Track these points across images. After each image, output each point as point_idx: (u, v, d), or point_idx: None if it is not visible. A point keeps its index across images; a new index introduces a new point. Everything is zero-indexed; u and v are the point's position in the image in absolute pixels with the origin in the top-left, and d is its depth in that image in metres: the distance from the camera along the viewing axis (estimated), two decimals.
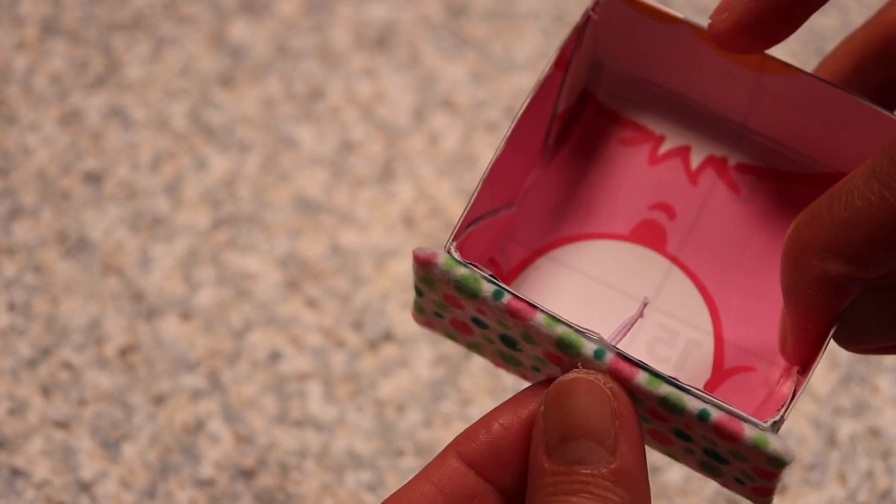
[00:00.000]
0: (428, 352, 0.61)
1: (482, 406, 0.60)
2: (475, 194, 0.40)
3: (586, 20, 0.43)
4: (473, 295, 0.39)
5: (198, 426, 0.59)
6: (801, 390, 0.39)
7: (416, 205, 0.66)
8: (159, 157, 0.67)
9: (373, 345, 0.62)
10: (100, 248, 0.64)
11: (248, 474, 0.58)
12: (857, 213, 0.37)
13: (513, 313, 0.39)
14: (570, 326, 0.38)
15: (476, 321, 0.41)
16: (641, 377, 0.38)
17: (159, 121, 0.68)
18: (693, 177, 0.45)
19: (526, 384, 0.42)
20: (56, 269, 0.63)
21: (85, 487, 0.58)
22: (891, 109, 0.42)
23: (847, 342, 0.41)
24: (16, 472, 0.58)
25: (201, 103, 0.69)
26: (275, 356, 0.61)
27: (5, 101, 0.68)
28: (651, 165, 0.45)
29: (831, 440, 0.60)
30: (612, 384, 0.37)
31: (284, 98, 0.69)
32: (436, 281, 0.39)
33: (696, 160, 0.45)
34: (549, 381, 0.38)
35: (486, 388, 0.61)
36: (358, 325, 0.62)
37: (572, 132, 0.45)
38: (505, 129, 0.69)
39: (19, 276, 0.63)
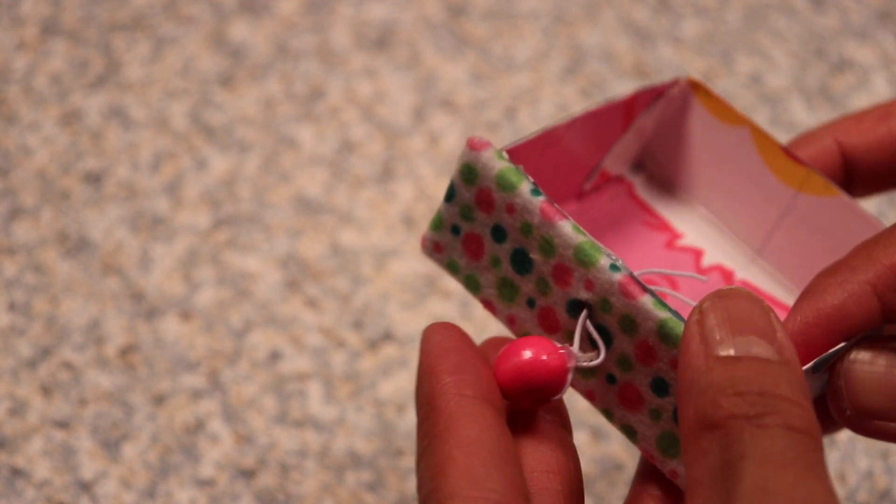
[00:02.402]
0: None
1: None
2: (531, 135, 0.43)
3: (661, 93, 0.47)
4: (512, 187, 0.41)
5: (198, 426, 0.59)
6: None
7: (416, 205, 0.66)
8: (159, 157, 0.67)
9: (373, 345, 0.62)
10: (100, 248, 0.64)
11: (248, 474, 0.58)
12: None
13: (543, 212, 0.41)
14: (592, 240, 0.40)
15: (495, 231, 0.42)
16: (647, 298, 0.39)
17: (159, 121, 0.68)
18: (701, 272, 0.48)
19: (508, 334, 0.43)
20: (56, 269, 0.63)
21: (85, 487, 0.58)
22: None
23: (849, 417, 0.42)
24: (16, 472, 0.58)
25: (201, 103, 0.69)
26: (275, 356, 0.61)
27: (5, 101, 0.68)
28: (666, 248, 0.48)
29: (831, 440, 0.60)
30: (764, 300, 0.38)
31: (284, 98, 0.69)
32: (478, 170, 0.41)
33: (706, 262, 0.48)
34: None
35: None
36: (358, 325, 0.62)
37: (604, 194, 0.49)
38: (505, 128, 0.69)
39: (19, 276, 0.63)
